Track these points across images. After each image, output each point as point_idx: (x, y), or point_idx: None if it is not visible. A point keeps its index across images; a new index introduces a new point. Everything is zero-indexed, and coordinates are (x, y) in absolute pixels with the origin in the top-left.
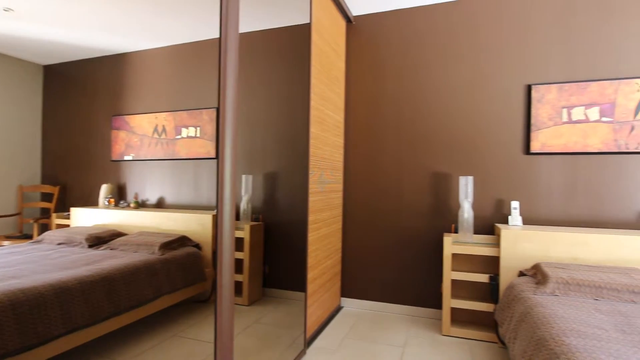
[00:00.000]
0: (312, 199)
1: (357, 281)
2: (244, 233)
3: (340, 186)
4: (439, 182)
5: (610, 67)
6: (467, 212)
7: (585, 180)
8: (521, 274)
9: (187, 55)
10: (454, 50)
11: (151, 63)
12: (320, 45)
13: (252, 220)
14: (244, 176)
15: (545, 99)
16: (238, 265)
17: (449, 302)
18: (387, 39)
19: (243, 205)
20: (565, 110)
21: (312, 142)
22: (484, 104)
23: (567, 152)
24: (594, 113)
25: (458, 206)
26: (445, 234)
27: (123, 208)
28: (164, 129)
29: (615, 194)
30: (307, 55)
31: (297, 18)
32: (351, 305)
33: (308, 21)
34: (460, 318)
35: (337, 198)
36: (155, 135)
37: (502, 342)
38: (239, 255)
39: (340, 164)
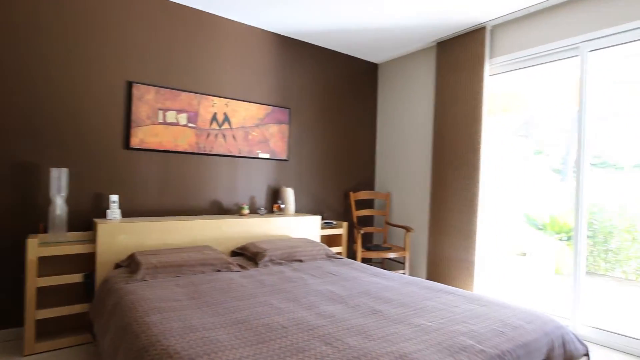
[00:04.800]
0: None
1: None
2: None
3: None
4: (24, 174)
5: (197, 83)
6: (59, 208)
7: (176, 175)
8: (117, 266)
9: None
10: (55, 28)
11: None
12: None
13: None
14: None
15: (145, 99)
16: None
17: (33, 314)
18: None
19: None
20: (161, 112)
21: None
22: (85, 93)
23: (162, 150)
24: (183, 118)
25: (49, 202)
26: (31, 235)
27: None
28: None
29: (197, 187)
30: None
31: None
32: None
33: None
34: (51, 329)
35: None
36: None
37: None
38: None
39: None
